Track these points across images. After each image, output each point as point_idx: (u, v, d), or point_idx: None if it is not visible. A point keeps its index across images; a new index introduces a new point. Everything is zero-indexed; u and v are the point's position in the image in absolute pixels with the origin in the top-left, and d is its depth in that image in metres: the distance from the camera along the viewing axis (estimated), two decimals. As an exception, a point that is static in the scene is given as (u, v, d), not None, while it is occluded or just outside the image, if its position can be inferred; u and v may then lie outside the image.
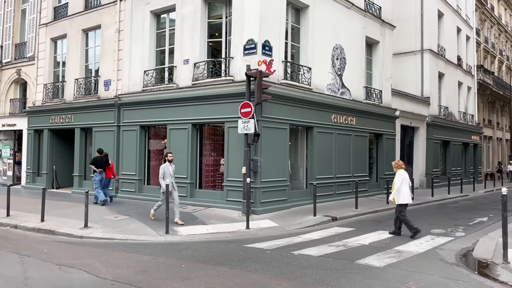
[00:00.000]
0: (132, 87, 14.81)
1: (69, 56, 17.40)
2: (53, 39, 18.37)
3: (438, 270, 6.26)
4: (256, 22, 11.97)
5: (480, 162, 30.22)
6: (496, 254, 7.14)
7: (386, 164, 18.02)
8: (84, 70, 17.02)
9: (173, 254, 7.18)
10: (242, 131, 11.29)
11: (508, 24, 40.32)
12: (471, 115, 28.65)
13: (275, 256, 6.93)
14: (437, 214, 12.94)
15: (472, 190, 21.51)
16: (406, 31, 22.15)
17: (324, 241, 8.40)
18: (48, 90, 18.09)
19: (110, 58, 15.68)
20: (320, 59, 14.40)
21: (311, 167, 13.99)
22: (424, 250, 7.59)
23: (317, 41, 14.26)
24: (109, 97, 15.47)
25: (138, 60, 14.71)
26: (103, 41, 16.11)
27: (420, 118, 21.80)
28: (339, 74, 15.42)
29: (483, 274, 6.18)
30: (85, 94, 16.44)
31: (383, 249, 7.57)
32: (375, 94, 17.43)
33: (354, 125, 16.02)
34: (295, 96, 13.08)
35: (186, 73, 13.31)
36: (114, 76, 15.47)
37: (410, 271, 6.14)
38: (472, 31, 29.34)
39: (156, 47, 14.67)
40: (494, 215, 12.57)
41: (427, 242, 8.40)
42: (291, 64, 13.44)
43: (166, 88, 13.79)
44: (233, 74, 12.29)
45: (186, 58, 13.36)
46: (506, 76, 38.06)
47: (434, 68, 23.14)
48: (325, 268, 6.25)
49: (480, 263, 6.72)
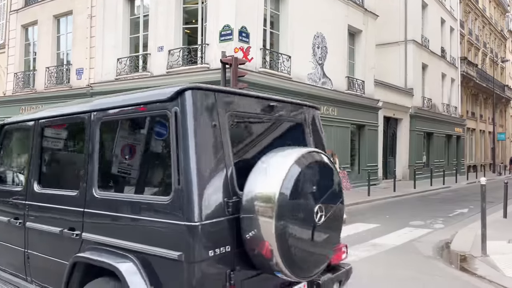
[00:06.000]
0: (105, 75, 14.20)
1: (40, 43, 16.65)
2: (24, 26, 17.58)
3: (414, 264, 5.95)
4: (232, 8, 11.47)
5: (463, 154, 30.34)
6: (474, 246, 6.86)
7: (368, 156, 17.80)
8: (56, 58, 16.32)
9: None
10: (217, 120, 10.82)
11: (492, 17, 40.46)
12: (455, 107, 28.66)
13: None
14: (418, 206, 12.72)
15: (455, 182, 21.47)
16: (390, 22, 21.84)
17: (299, 234, 8.03)
18: (18, 79, 17.33)
19: (82, 45, 15.01)
20: (300, 48, 13.98)
21: (290, 158, 13.61)
22: (401, 243, 7.29)
23: (297, 29, 13.83)
24: (81, 86, 14.83)
25: (111, 48, 14.09)
26: (75, 28, 15.42)
27: (403, 110, 21.61)
28: (320, 64, 15.03)
29: (461, 267, 5.88)
30: (57, 83, 15.76)
31: (359, 242, 7.23)
32: (358, 84, 17.11)
33: (336, 115, 15.68)
34: (274, 85, 12.65)
35: (160, 60, 12.77)
36: (86, 64, 14.82)
37: (385, 265, 5.81)
38: (456, 22, 29.25)
39: (130, 34, 14.07)
40: (474, 206, 12.38)
41: (405, 234, 8.11)
42: (270, 52, 13.00)
43: (140, 76, 13.23)
44: (209, 61, 11.80)
45: (161, 45, 12.81)
46: (490, 68, 38.25)
47: (417, 59, 22.94)
48: (295, 263, 5.88)
49: (458, 256, 6.43)
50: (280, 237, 2.41)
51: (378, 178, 18.67)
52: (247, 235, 2.46)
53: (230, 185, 2.52)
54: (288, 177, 2.46)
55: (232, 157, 2.58)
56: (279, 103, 3.05)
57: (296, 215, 2.52)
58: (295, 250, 2.51)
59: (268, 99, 2.98)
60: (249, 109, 2.84)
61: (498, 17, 43.10)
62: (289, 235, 2.46)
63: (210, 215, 2.39)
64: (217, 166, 2.49)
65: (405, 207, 12.27)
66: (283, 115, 3.11)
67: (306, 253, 2.64)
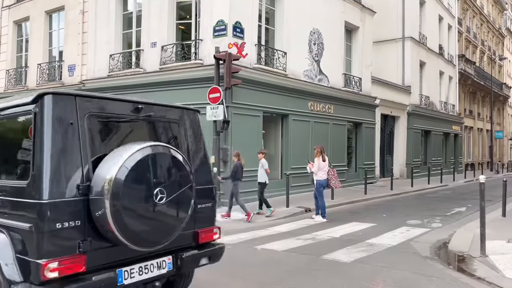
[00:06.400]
0: (98, 72, 13.93)
1: (32, 40, 16.38)
2: (16, 22, 17.29)
3: (410, 265, 5.74)
4: (226, 3, 11.24)
5: (461, 152, 30.19)
6: (473, 246, 6.66)
7: (365, 154, 17.61)
8: (48, 54, 16.04)
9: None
10: (211, 118, 10.60)
11: (490, 15, 40.29)
12: (452, 105, 28.49)
13: (235, 252, 6.30)
14: (415, 205, 12.53)
15: (452, 180, 21.31)
16: (387, 19, 21.61)
17: (293, 234, 7.83)
18: (10, 76, 17.03)
19: (74, 41, 14.73)
20: (296, 44, 13.75)
21: (286, 156, 13.40)
22: (397, 243, 7.08)
23: (293, 25, 13.59)
24: (73, 83, 14.56)
25: (103, 44, 13.82)
26: (67, 24, 15.14)
27: (400, 107, 21.41)
28: (316, 60, 14.80)
29: (459, 268, 5.68)
30: (49, 80, 15.48)
31: (354, 242, 7.03)
32: (355, 81, 16.89)
33: (332, 113, 15.47)
34: (269, 81, 12.43)
35: (153, 57, 12.51)
36: (78, 60, 14.55)
37: (380, 266, 5.61)
38: (454, 20, 29.05)
39: (123, 30, 13.81)
40: (472, 205, 12.21)
41: (402, 234, 7.91)
42: (265, 48, 12.76)
43: (132, 73, 12.97)
44: (203, 57, 11.55)
45: (154, 41, 12.56)
46: (488, 66, 38.08)
47: (415, 56, 22.74)
48: (287, 264, 5.67)
49: (456, 257, 6.23)
50: (115, 215, 2.95)
51: (375, 176, 18.48)
52: (96, 213, 3.00)
53: (85, 172, 3.07)
54: (124, 165, 2.99)
55: (89, 150, 3.14)
56: (147, 106, 3.59)
57: (132, 196, 3.05)
58: (132, 225, 3.04)
59: (134, 102, 3.51)
60: (115, 111, 3.40)
61: (496, 15, 42.94)
62: (125, 213, 2.98)
63: (58, 195, 2.94)
64: (71, 157, 3.05)
65: (402, 206, 12.09)
66: (153, 116, 3.61)
67: (147, 228, 3.15)
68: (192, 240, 3.79)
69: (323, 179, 9.49)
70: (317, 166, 9.48)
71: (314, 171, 9.54)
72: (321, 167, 9.50)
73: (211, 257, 3.91)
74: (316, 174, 9.51)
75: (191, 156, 3.87)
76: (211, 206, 4.00)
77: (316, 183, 9.56)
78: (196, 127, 4.05)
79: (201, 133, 4.10)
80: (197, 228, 3.80)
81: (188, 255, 3.67)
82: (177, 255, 3.58)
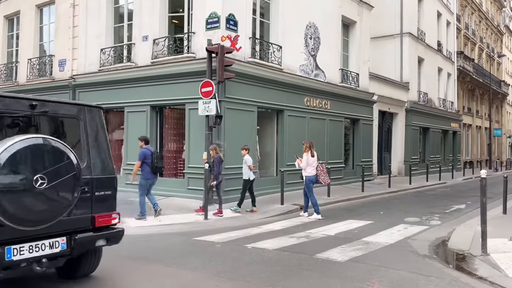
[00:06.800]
0: (89, 67, 13.59)
1: (23, 34, 15.99)
2: (6, 17, 16.88)
3: (408, 264, 5.45)
4: (219, -6, 10.89)
5: (459, 150, 29.94)
6: (474, 244, 6.37)
7: (363, 151, 17.32)
8: (39, 49, 15.66)
9: (106, 250, 6.16)
10: (203, 112, 10.28)
11: (489, 11, 40.02)
12: (451, 102, 28.22)
13: (224, 251, 6.01)
14: (413, 202, 12.26)
15: (451, 178, 21.05)
16: (385, 14, 21.31)
17: (286, 232, 7.52)
18: (1, 72, 16.66)
19: (65, 35, 14.38)
20: (292, 38, 13.43)
21: (281, 153, 13.09)
22: (394, 241, 6.79)
23: (289, 18, 13.27)
24: (64, 78, 14.21)
25: (94, 38, 13.48)
26: (57, 17, 14.77)
27: (399, 104, 21.12)
28: (312, 55, 14.49)
29: (459, 268, 5.39)
30: (39, 75, 15.11)
31: (350, 241, 6.73)
32: (352, 77, 16.59)
33: (329, 109, 15.16)
34: (264, 76, 12.11)
35: (145, 50, 12.18)
36: (69, 55, 14.19)
37: (376, 265, 5.31)
38: (453, 16, 28.76)
39: (114, 23, 13.45)
40: (472, 202, 11.95)
41: (399, 231, 7.62)
42: (259, 41, 12.44)
43: (124, 67, 12.63)
44: (195, 51, 11.23)
45: (145, 34, 12.22)
46: (486, 64, 37.82)
47: (413, 52, 22.44)
48: (278, 264, 5.36)
49: (456, 255, 5.94)
50: None
51: (373, 174, 18.19)
52: None
53: None
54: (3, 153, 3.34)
55: None
56: (43, 103, 3.99)
57: (10, 181, 3.39)
58: (12, 208, 3.38)
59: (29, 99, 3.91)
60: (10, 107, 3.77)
61: (495, 12, 42.68)
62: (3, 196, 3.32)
63: None
64: None
65: (400, 203, 11.81)
66: (49, 112, 4.00)
67: (27, 210, 3.48)
68: (90, 223, 4.19)
69: (312, 175, 9.25)
70: (305, 162, 9.23)
71: (303, 167, 9.28)
72: (310, 163, 9.24)
73: (109, 239, 4.34)
74: (305, 170, 9.25)
75: (89, 148, 4.28)
76: (110, 194, 4.43)
77: (305, 179, 9.29)
78: (97, 123, 4.44)
79: (102, 127, 4.50)
80: (94, 213, 4.21)
81: (82, 237, 4.04)
82: (71, 236, 3.96)
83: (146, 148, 8.72)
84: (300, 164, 9.37)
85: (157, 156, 8.72)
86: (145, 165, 8.53)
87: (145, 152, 8.57)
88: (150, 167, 8.52)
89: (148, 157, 8.53)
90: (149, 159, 8.52)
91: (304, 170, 9.27)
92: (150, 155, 8.55)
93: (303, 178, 9.37)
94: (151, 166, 8.51)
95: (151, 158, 8.53)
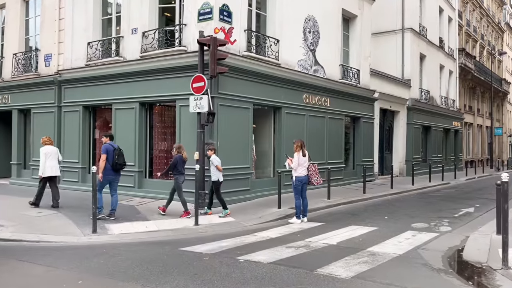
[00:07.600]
0: (75, 61, 12.85)
1: (8, 28, 15.23)
2: (-8, 10, 16.11)
3: (422, 281, 4.78)
4: (213, -17, 10.18)
5: (461, 149, 29.31)
6: (492, 255, 5.71)
7: (363, 150, 16.65)
8: (24, 43, 14.90)
9: (80, 262, 5.47)
10: (194, 109, 9.57)
11: (490, 9, 39.39)
12: (453, 100, 27.57)
13: (213, 265, 5.31)
14: (419, 205, 11.57)
15: (454, 178, 20.40)
16: (387, 9, 20.64)
17: (283, 240, 6.83)
18: (-15, 68, 15.88)
19: (50, 29, 13.62)
20: (290, 31, 12.73)
21: (279, 153, 12.39)
22: (403, 252, 6.10)
23: (287, 11, 12.57)
24: (49, 73, 13.45)
25: (81, 31, 12.74)
26: (43, 10, 14.01)
27: (400, 102, 20.45)
28: (311, 50, 13.79)
29: (480, 285, 4.72)
30: (24, 71, 14.35)
31: (354, 251, 6.05)
32: (352, 73, 15.89)
33: (329, 106, 14.47)
34: (260, 71, 11.40)
35: (134, 44, 11.45)
36: (55, 49, 13.44)
37: (386, 284, 4.62)
38: (455, 12, 28.11)
39: (102, 16, 12.71)
40: (480, 205, 11.29)
41: (408, 240, 6.93)
42: (255, 34, 11.73)
43: (112, 62, 11.90)
44: (187, 44, 10.51)
45: (134, 27, 11.49)
46: (487, 61, 37.20)
47: (415, 48, 21.76)
48: (273, 282, 4.67)
49: (474, 269, 5.28)
50: None
51: (374, 174, 17.52)
52: None
53: None
54: None
55: None
56: None
57: None
58: None
59: None
60: None
61: (496, 9, 42.06)
62: None
63: None
64: None
65: (405, 206, 11.13)
66: None
67: None
68: None
69: (303, 176, 8.62)
70: (296, 162, 8.58)
71: (294, 167, 8.62)
72: (301, 163, 8.59)
73: None
74: (296, 170, 8.61)
75: None
76: None
77: (294, 180, 8.64)
78: None
79: None
80: None
81: None
82: None
83: (110, 143, 8.45)
84: (291, 164, 8.69)
85: (119, 153, 8.38)
86: (106, 161, 8.28)
87: (107, 147, 8.32)
88: (111, 164, 8.25)
89: (110, 152, 8.25)
90: (111, 155, 8.25)
91: (295, 170, 8.61)
92: (112, 151, 8.27)
93: (293, 179, 8.71)
94: (112, 163, 8.25)
95: (113, 154, 8.25)
